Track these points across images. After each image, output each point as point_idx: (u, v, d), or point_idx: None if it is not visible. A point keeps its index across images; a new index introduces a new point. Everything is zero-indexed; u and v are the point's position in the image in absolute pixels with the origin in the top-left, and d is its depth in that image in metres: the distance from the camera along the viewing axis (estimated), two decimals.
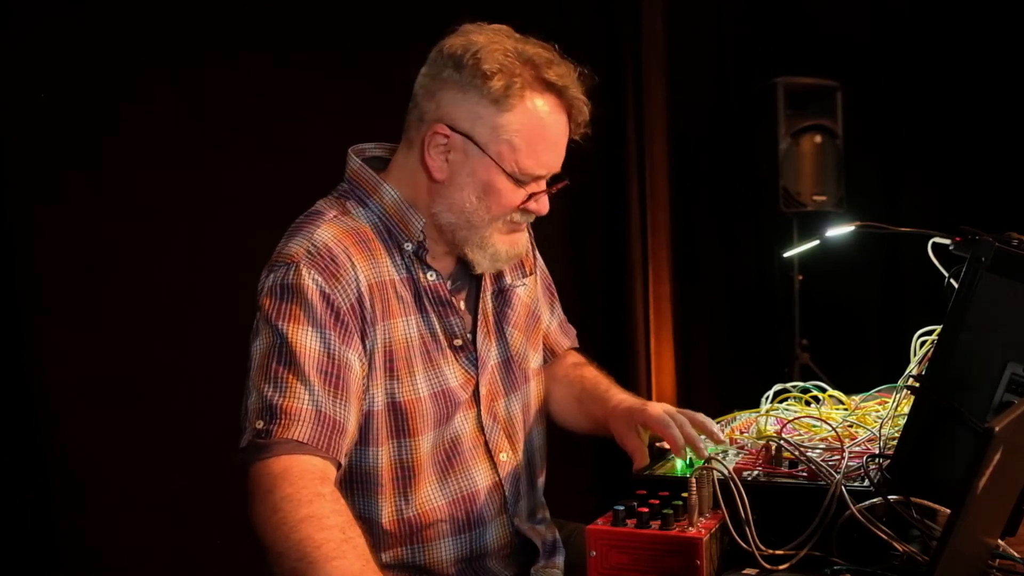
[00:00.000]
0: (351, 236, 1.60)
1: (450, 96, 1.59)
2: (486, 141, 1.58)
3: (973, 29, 4.12)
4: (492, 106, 1.57)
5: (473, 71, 1.56)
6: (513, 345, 1.80)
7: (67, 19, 2.69)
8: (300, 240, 1.57)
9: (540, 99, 1.59)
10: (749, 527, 1.36)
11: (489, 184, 1.60)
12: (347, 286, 1.55)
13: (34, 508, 2.71)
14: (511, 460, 1.75)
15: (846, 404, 1.84)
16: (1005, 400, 1.33)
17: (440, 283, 1.67)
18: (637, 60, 4.14)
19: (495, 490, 1.72)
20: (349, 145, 1.74)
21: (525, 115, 1.58)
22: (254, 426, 1.46)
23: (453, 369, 1.68)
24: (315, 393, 1.48)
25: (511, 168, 1.60)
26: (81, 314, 2.76)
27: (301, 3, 3.13)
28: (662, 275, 4.28)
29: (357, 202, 1.66)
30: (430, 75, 1.62)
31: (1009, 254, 1.32)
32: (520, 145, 1.59)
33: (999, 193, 4.08)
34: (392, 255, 1.64)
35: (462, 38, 1.60)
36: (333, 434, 1.47)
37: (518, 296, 1.84)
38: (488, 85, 1.55)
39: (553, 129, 1.62)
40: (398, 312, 1.62)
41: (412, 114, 1.65)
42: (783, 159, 4.09)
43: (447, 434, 1.67)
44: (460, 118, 1.59)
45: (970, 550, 1.16)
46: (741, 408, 1.87)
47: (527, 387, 1.83)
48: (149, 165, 2.83)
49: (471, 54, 1.56)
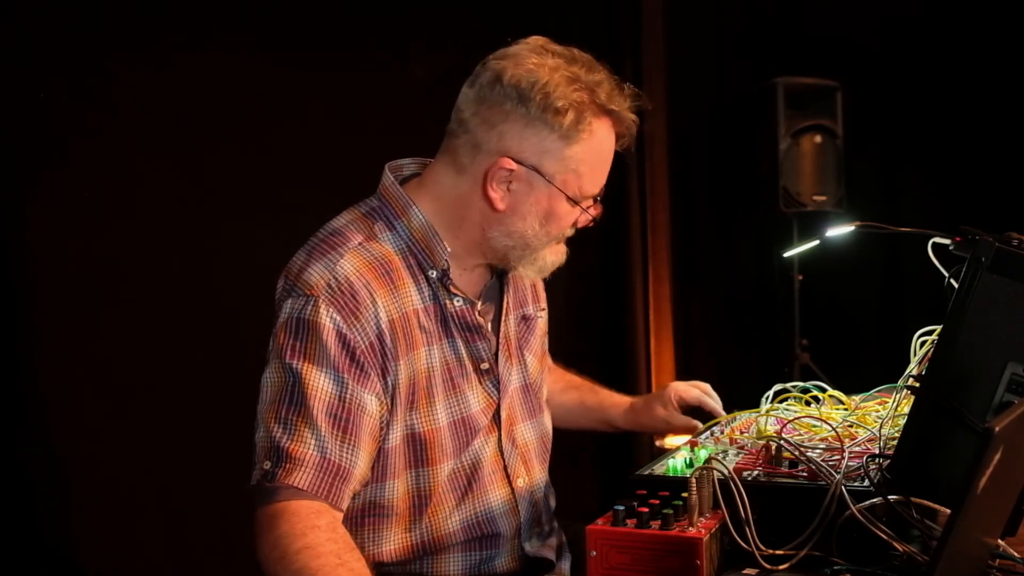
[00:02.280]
0: (375, 269, 1.57)
1: (515, 130, 1.57)
2: (553, 172, 1.59)
3: (973, 29, 4.12)
4: (561, 140, 1.57)
5: (542, 107, 1.54)
6: (531, 372, 1.82)
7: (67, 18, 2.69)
8: (322, 270, 1.54)
9: (600, 125, 1.60)
10: (749, 527, 1.36)
11: (552, 211, 1.62)
12: (366, 324, 1.53)
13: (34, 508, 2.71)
14: (527, 485, 1.75)
15: (846, 404, 1.84)
16: (1005, 400, 1.33)
17: (467, 308, 1.66)
18: (637, 60, 4.14)
19: (511, 515, 1.72)
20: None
21: (590, 144, 1.59)
22: (261, 466, 1.48)
23: (476, 393, 1.68)
24: (322, 438, 1.47)
25: (574, 194, 1.62)
26: (81, 314, 2.75)
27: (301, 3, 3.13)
28: (662, 275, 4.28)
29: (385, 224, 1.64)
30: (488, 104, 1.58)
31: (1009, 254, 1.32)
32: (585, 172, 1.61)
33: (999, 193, 4.08)
34: (417, 282, 1.62)
35: (520, 68, 1.57)
36: (336, 480, 1.47)
37: (539, 326, 1.88)
38: (559, 121, 1.55)
39: (610, 151, 1.65)
40: (421, 343, 1.60)
41: (461, 138, 1.61)
42: (783, 159, 4.09)
43: (467, 458, 1.66)
44: (526, 151, 1.57)
45: (970, 550, 1.16)
46: (741, 408, 1.88)
47: (542, 417, 1.85)
48: (149, 164, 2.83)
49: (538, 89, 1.54)
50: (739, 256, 4.60)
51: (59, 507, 2.73)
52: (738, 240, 4.59)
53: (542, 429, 1.84)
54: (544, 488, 1.82)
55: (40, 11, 2.65)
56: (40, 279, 2.69)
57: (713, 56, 4.51)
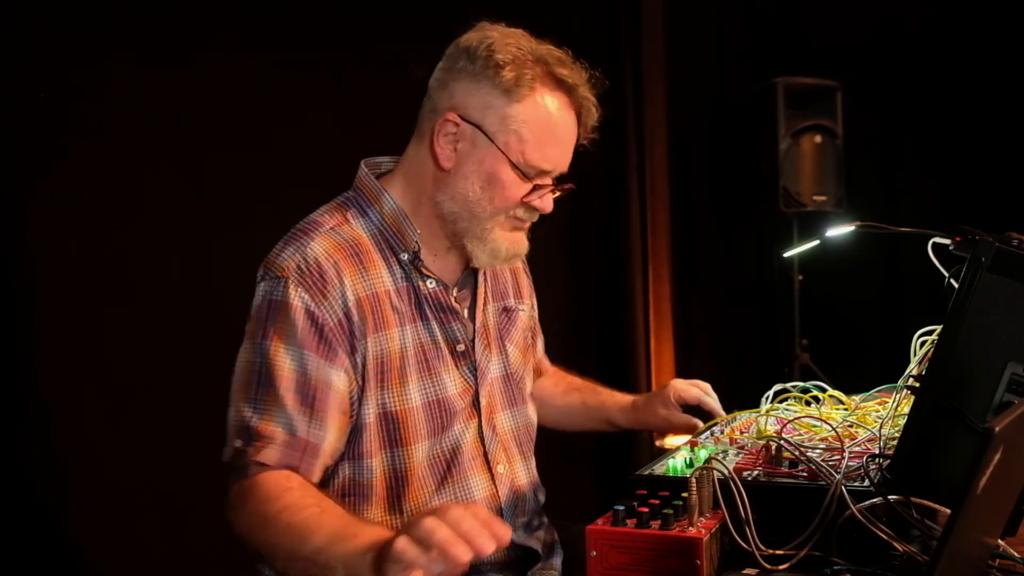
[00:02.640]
0: (343, 250, 1.62)
1: (463, 86, 1.62)
2: (495, 131, 1.61)
3: (973, 29, 4.12)
4: (503, 96, 1.59)
5: (486, 62, 1.59)
6: (513, 363, 1.83)
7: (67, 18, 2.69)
8: (293, 252, 1.60)
9: (550, 96, 1.62)
10: (749, 527, 1.36)
11: (494, 174, 1.62)
12: (333, 303, 1.57)
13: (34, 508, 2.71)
14: (508, 473, 1.76)
15: (846, 404, 1.84)
16: (1005, 400, 1.32)
17: (440, 290, 1.69)
18: (637, 60, 4.14)
19: (491, 501, 1.72)
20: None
21: (534, 108, 1.61)
22: (233, 444, 1.54)
23: (452, 376, 1.69)
24: (289, 416, 1.52)
25: (517, 159, 1.61)
26: (81, 314, 2.75)
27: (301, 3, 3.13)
28: (662, 275, 4.29)
29: (358, 211, 1.69)
30: (444, 68, 1.66)
31: (1009, 254, 1.32)
32: (528, 137, 1.61)
33: (999, 193, 4.08)
34: (390, 265, 1.66)
35: (478, 33, 1.64)
36: (304, 455, 1.53)
37: (520, 319, 1.89)
38: (500, 75, 1.58)
39: (561, 126, 1.64)
40: (393, 323, 1.63)
41: (425, 107, 1.68)
42: (783, 159, 4.09)
43: (446, 443, 1.68)
44: (471, 107, 1.61)
45: (970, 550, 1.16)
46: (741, 408, 1.88)
47: (525, 408, 1.87)
48: (149, 164, 2.83)
49: (485, 46, 1.60)
50: (739, 256, 4.60)
51: (59, 507, 2.73)
52: (738, 240, 4.59)
53: (525, 419, 1.85)
54: (528, 479, 1.83)
55: (40, 11, 2.65)
56: (40, 279, 2.69)
57: (713, 56, 4.51)
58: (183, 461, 2.81)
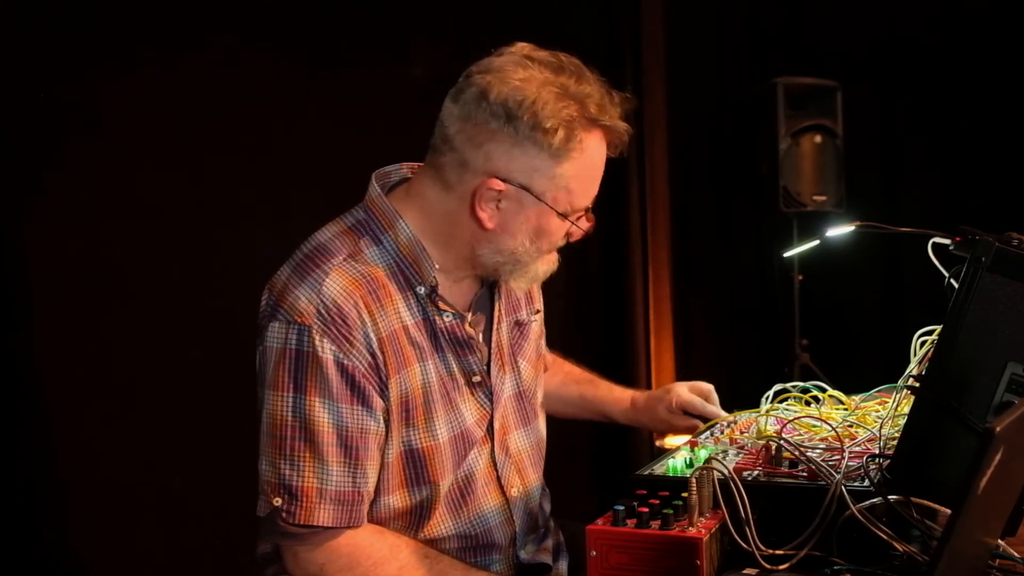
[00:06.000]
0: (361, 286, 1.54)
1: (503, 149, 1.53)
2: (542, 190, 1.55)
3: (973, 30, 4.12)
4: (551, 159, 1.53)
5: (531, 126, 1.50)
6: (525, 379, 1.80)
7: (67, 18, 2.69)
8: (310, 293, 1.51)
9: (591, 139, 1.56)
10: (749, 527, 1.36)
11: (542, 227, 1.59)
12: (360, 347, 1.52)
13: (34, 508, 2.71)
14: (521, 494, 1.74)
15: (846, 404, 1.84)
16: (1005, 400, 1.32)
17: (456, 323, 1.63)
18: (637, 60, 4.14)
19: (506, 525, 1.71)
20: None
21: (581, 160, 1.55)
22: (271, 500, 1.51)
23: (469, 405, 1.66)
24: (331, 473, 1.51)
25: (565, 209, 1.59)
26: (81, 314, 2.75)
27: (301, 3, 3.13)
28: (662, 275, 4.29)
29: (371, 239, 1.60)
30: (474, 123, 1.53)
31: (1009, 254, 1.32)
32: (576, 188, 1.58)
33: (999, 193, 4.08)
34: (406, 297, 1.59)
35: (506, 85, 1.51)
36: (354, 506, 1.53)
37: (532, 330, 1.85)
38: (548, 140, 1.51)
39: (600, 164, 1.61)
40: (413, 358, 1.58)
41: (447, 155, 1.57)
42: (783, 159, 4.09)
43: (461, 472, 1.66)
44: (515, 171, 1.54)
45: (970, 550, 1.16)
46: (741, 408, 1.88)
47: (536, 423, 1.83)
48: (149, 164, 2.83)
49: (526, 108, 1.50)
50: (739, 256, 4.60)
51: (59, 507, 2.73)
52: (738, 240, 4.59)
53: (536, 436, 1.82)
54: (539, 494, 1.81)
55: (40, 11, 2.65)
56: (40, 279, 2.69)
57: (713, 56, 4.51)
58: (183, 461, 2.81)
